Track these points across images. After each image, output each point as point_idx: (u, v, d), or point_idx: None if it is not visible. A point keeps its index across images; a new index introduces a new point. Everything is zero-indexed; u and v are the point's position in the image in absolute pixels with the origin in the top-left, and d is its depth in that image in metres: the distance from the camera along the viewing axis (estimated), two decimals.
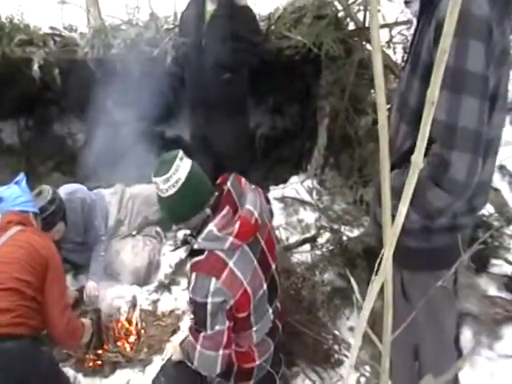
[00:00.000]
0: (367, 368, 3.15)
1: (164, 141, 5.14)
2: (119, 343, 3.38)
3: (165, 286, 3.84)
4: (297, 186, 4.66)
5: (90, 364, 3.26)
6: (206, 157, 4.15)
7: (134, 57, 5.27)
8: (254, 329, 2.55)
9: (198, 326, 2.39)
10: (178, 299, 3.73)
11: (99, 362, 3.27)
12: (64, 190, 3.83)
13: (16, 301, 2.55)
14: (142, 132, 4.66)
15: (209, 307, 2.29)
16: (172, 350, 2.78)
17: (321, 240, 4.01)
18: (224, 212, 2.37)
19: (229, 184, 2.47)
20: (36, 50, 5.52)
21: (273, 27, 5.19)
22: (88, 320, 3.19)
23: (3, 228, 2.84)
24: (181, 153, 2.37)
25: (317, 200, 4.53)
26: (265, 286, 2.52)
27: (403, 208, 0.96)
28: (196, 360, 2.46)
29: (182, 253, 4.07)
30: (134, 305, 3.67)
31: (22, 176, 3.11)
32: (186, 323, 3.43)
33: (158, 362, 3.25)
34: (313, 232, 4.13)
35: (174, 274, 3.94)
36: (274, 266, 2.64)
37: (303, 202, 4.50)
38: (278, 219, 4.24)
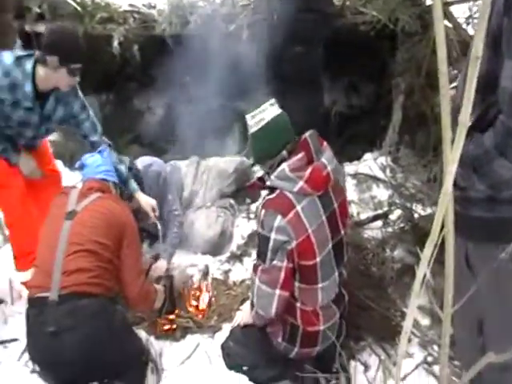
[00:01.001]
0: (435, 348, 3.13)
1: (239, 116, 5.20)
2: (190, 309, 3.49)
3: (236, 257, 3.94)
4: (370, 162, 4.64)
5: (162, 328, 3.38)
6: None
7: (211, 32, 5.34)
8: (320, 285, 2.59)
9: (259, 259, 2.52)
10: (248, 270, 3.80)
11: (170, 327, 3.38)
12: (141, 163, 3.97)
13: (93, 262, 2.64)
14: (217, 107, 4.74)
15: (271, 242, 2.42)
16: (242, 314, 2.86)
17: (392, 217, 3.99)
18: (298, 156, 2.47)
19: (307, 134, 2.53)
20: (116, 27, 5.69)
21: (348, 2, 5.14)
22: (161, 286, 3.28)
23: (84, 194, 2.91)
24: (273, 100, 2.55)
25: (390, 177, 4.49)
26: (330, 245, 2.58)
27: (451, 167, 0.96)
28: (255, 296, 2.57)
29: (254, 225, 4.16)
30: (206, 273, 3.78)
31: (105, 147, 3.23)
32: None
33: (227, 328, 3.33)
34: (385, 209, 4.12)
35: (246, 245, 4.03)
36: (342, 233, 2.68)
37: (376, 179, 4.49)
38: (351, 195, 4.25)
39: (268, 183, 2.52)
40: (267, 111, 2.49)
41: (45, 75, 3.14)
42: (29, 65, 3.14)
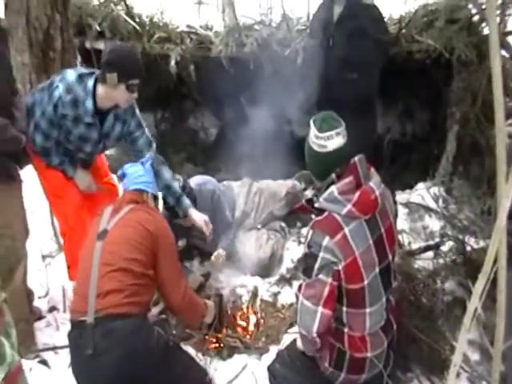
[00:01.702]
0: None
1: (293, 139, 5.24)
2: (239, 329, 3.51)
3: (286, 280, 3.95)
4: (423, 192, 4.61)
5: (210, 345, 3.40)
6: None
7: (266, 56, 5.41)
8: (368, 310, 2.58)
9: (305, 275, 2.53)
10: None
11: (218, 345, 3.40)
12: (195, 181, 4.04)
13: (126, 281, 2.62)
14: (271, 129, 4.78)
15: (318, 260, 2.43)
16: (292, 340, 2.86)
17: (444, 248, 3.94)
18: (347, 180, 2.50)
19: (356, 159, 2.55)
20: (173, 46, 5.83)
21: (403, 30, 5.14)
22: (211, 302, 3.28)
23: (116, 209, 2.89)
24: (341, 129, 2.52)
25: (443, 208, 4.45)
26: (377, 270, 2.57)
27: (505, 201, 0.96)
28: (298, 314, 2.55)
29: (304, 248, 4.16)
30: (255, 295, 3.80)
31: (148, 158, 3.20)
32: None
33: (274, 351, 3.34)
34: (436, 240, 4.07)
35: (296, 269, 4.04)
36: (390, 258, 2.67)
37: (429, 209, 4.45)
38: (403, 224, 4.23)
39: (316, 205, 2.56)
40: (332, 141, 2.50)
41: (104, 93, 3.26)
42: (90, 82, 3.25)
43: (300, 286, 2.58)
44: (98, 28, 5.85)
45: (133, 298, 2.61)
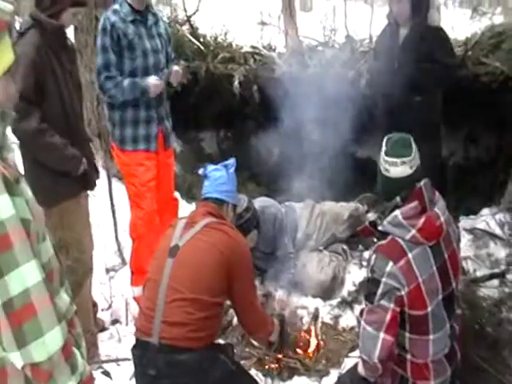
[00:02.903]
0: None
1: (355, 161, 5.24)
2: (299, 351, 3.50)
3: (347, 303, 3.94)
4: (488, 218, 4.51)
5: (269, 365, 3.41)
6: None
7: (330, 77, 5.43)
8: (431, 337, 2.53)
9: (367, 301, 2.50)
10: None
11: (278, 366, 3.40)
12: (259, 203, 4.09)
13: (194, 313, 2.54)
14: (334, 151, 4.78)
15: (381, 285, 2.41)
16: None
17: (510, 277, 3.85)
18: (412, 205, 2.47)
19: (422, 183, 2.52)
20: (237, 67, 5.92)
21: (469, 53, 5.09)
22: (277, 321, 3.21)
23: (191, 223, 2.76)
24: (408, 158, 2.48)
25: (509, 235, 4.35)
26: (440, 296, 2.53)
27: None
28: (360, 338, 2.53)
29: (366, 272, 4.14)
30: (315, 317, 3.79)
31: (233, 161, 2.98)
32: None
33: (335, 374, 3.32)
34: (502, 267, 3.98)
35: (358, 292, 4.01)
36: (454, 285, 2.63)
37: (494, 236, 4.36)
38: (467, 251, 4.15)
39: (380, 228, 2.54)
40: (396, 168, 2.47)
41: None
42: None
43: (362, 311, 2.57)
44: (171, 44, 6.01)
45: (199, 333, 2.55)
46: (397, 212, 2.47)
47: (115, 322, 3.94)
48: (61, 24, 3.08)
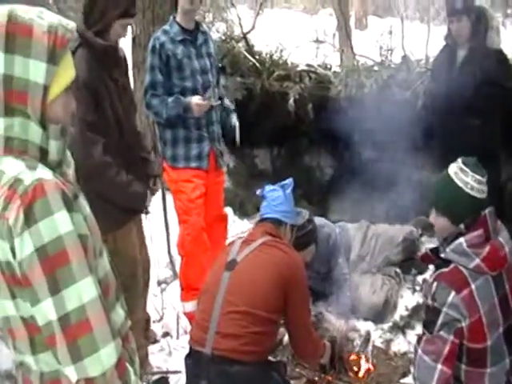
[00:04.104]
0: None
1: (410, 183, 5.19)
2: (350, 374, 3.47)
3: (399, 328, 3.88)
4: None
5: None
6: None
7: (386, 98, 5.41)
8: (488, 371, 2.46)
9: (425, 328, 2.46)
10: (411, 343, 3.73)
11: None
12: None
13: (248, 327, 2.57)
14: (387, 172, 4.76)
15: (441, 315, 2.35)
16: None
17: None
18: (477, 233, 2.41)
19: (487, 211, 2.48)
20: (292, 84, 5.95)
21: None
22: (328, 343, 3.26)
23: (248, 240, 2.81)
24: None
25: None
26: (501, 329, 2.47)
27: None
28: (416, 368, 2.49)
29: (419, 297, 4.10)
30: (367, 340, 3.75)
31: (290, 181, 3.04)
32: None
33: None
34: None
35: (410, 317, 3.96)
36: None
37: None
38: None
39: (443, 256, 2.49)
40: (481, 187, 2.43)
41: (181, 9, 3.81)
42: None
43: (419, 339, 2.53)
44: (220, 64, 6.09)
45: (252, 347, 2.58)
46: (461, 240, 2.42)
47: (166, 334, 3.98)
48: (110, 43, 3.04)
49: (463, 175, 2.43)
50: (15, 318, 1.59)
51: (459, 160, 2.49)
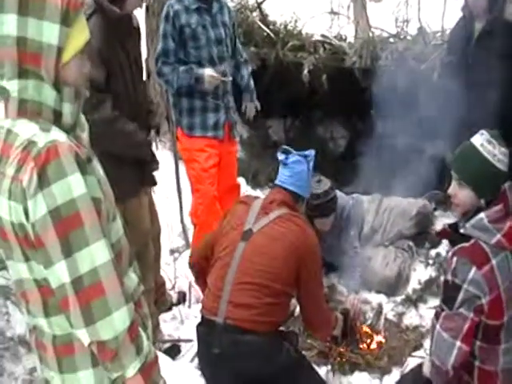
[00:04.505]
0: None
1: (424, 157, 5.14)
2: (361, 346, 3.48)
3: (411, 301, 3.87)
4: None
5: (331, 359, 3.40)
6: None
7: (401, 70, 5.33)
8: (502, 347, 2.45)
9: (445, 305, 2.42)
10: (423, 317, 3.74)
11: (340, 359, 3.39)
12: None
13: (261, 298, 2.57)
14: (402, 146, 4.70)
15: (462, 292, 2.32)
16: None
17: None
18: (497, 208, 2.37)
19: (506, 185, 2.44)
20: (307, 55, 5.87)
21: None
22: (340, 315, 3.26)
23: (265, 208, 2.77)
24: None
25: None
26: None
27: None
28: (434, 344, 2.47)
29: (432, 271, 4.08)
30: (379, 313, 3.76)
31: (312, 154, 2.94)
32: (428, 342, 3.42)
33: (396, 373, 3.30)
34: None
35: (423, 290, 3.95)
36: None
37: None
38: None
39: (462, 231, 2.44)
40: (505, 161, 2.40)
41: None
42: None
43: (437, 314, 2.51)
44: (236, 32, 6.02)
45: (266, 318, 2.59)
46: (482, 215, 2.37)
47: (178, 303, 4.00)
48: (125, 13, 3.01)
49: (491, 147, 2.37)
50: (28, 281, 1.60)
51: (485, 132, 2.43)
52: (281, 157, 2.88)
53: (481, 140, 2.42)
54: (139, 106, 3.22)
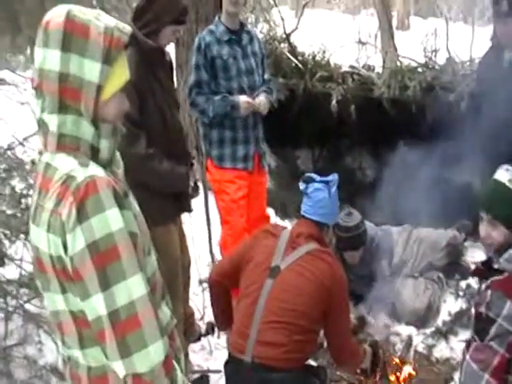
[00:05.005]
0: None
1: (453, 187, 5.11)
2: (391, 379, 3.44)
3: (442, 333, 3.83)
4: None
5: None
6: None
7: (429, 100, 5.34)
8: None
9: (475, 334, 2.37)
10: (454, 349, 3.70)
11: None
12: None
13: (289, 335, 2.56)
14: (430, 175, 4.69)
15: (495, 326, 2.27)
16: None
17: None
18: None
19: None
20: (335, 86, 5.91)
21: None
22: (369, 348, 3.25)
23: (293, 243, 2.75)
24: None
25: None
26: None
27: None
28: (462, 373, 2.42)
29: (462, 302, 4.04)
30: (408, 345, 3.73)
31: (335, 178, 2.95)
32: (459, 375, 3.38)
33: None
34: None
35: (453, 322, 3.91)
36: None
37: None
38: None
39: (496, 266, 2.42)
40: None
41: (225, 11, 3.84)
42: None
43: (468, 344, 2.48)
44: (266, 62, 6.11)
45: (295, 354, 2.58)
46: None
47: (207, 333, 4.00)
48: (159, 45, 3.08)
49: None
50: (64, 312, 1.62)
51: (509, 167, 2.44)
52: (302, 186, 2.88)
53: (508, 176, 2.41)
54: (176, 137, 3.25)
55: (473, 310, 2.54)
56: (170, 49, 4.03)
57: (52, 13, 1.56)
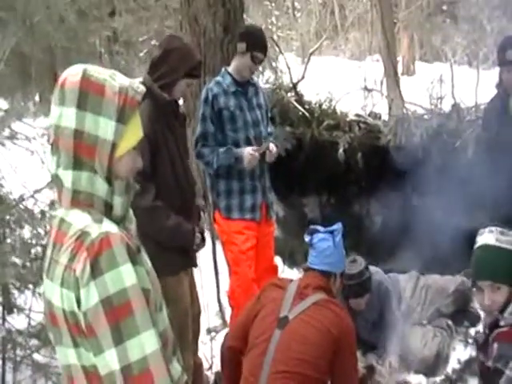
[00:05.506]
0: None
1: (461, 233, 5.13)
2: None
3: (451, 381, 3.79)
4: None
5: None
6: None
7: (436, 146, 5.41)
8: None
9: None
10: None
11: None
12: None
13: None
14: (438, 222, 4.72)
15: (504, 378, 2.27)
16: None
17: None
18: None
19: None
20: (342, 134, 6.01)
21: None
22: None
23: (300, 294, 2.78)
24: None
25: None
26: None
27: None
28: None
29: (472, 350, 4.00)
30: None
31: (339, 227, 3.01)
32: None
33: None
34: None
35: (462, 370, 3.87)
36: None
37: None
38: None
39: (502, 323, 2.39)
40: None
41: (235, 62, 3.90)
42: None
43: None
44: (269, 114, 6.21)
45: None
46: None
47: (215, 383, 3.98)
48: (174, 98, 3.15)
49: (505, 237, 2.38)
50: (76, 367, 1.64)
51: (491, 228, 2.42)
52: (307, 238, 2.96)
53: (494, 236, 2.40)
54: (187, 192, 3.28)
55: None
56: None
57: (68, 71, 1.62)
